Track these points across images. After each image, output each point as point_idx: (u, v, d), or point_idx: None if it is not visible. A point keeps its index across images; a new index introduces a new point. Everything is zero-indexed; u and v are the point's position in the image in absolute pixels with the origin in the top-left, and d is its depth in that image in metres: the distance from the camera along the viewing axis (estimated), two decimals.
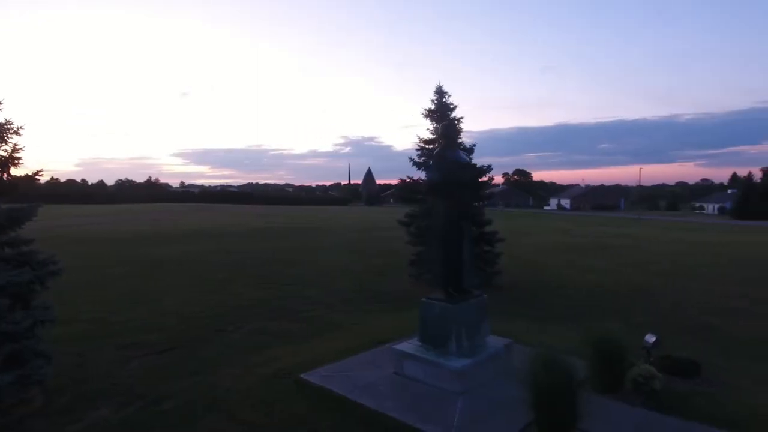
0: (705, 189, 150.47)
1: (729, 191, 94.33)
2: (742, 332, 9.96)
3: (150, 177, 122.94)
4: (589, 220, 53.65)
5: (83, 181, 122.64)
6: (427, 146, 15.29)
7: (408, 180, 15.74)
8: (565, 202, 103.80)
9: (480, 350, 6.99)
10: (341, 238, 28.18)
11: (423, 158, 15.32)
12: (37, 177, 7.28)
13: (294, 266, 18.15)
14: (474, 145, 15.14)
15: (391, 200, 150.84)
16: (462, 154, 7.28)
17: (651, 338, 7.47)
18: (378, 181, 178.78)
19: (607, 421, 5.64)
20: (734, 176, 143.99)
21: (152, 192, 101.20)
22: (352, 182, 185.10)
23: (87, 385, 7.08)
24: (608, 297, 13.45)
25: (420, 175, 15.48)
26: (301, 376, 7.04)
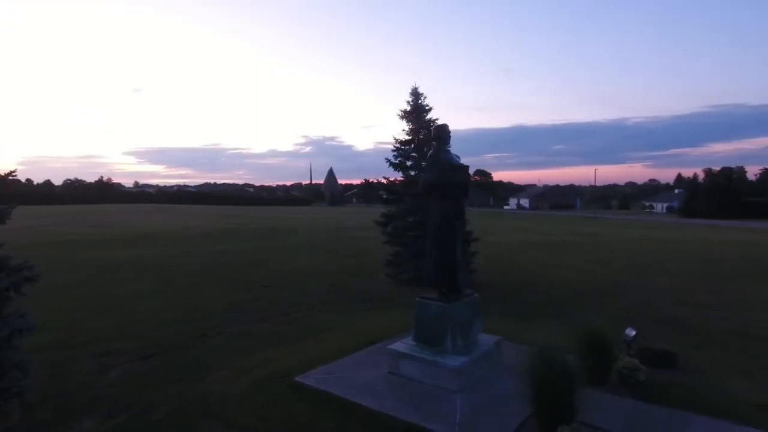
0: (653, 189, 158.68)
1: (676, 191, 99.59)
2: (709, 324, 10.56)
3: (101, 177, 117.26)
4: (549, 219, 55.41)
5: (28, 180, 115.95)
6: (403, 147, 15.38)
7: (385, 180, 15.78)
8: (525, 202, 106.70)
9: (473, 348, 7.11)
10: (309, 239, 27.94)
11: (399, 159, 15.41)
12: (10, 177, 6.90)
13: (266, 267, 17.85)
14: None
15: (354, 200, 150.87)
16: (454, 155, 7.38)
17: (631, 332, 7.82)
18: (339, 181, 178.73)
19: (601, 413, 5.84)
20: (679, 176, 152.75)
21: (104, 192, 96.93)
22: (313, 182, 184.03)
23: (66, 396, 6.72)
24: (581, 293, 13.95)
25: (396, 175, 15.57)
26: (297, 378, 6.95)
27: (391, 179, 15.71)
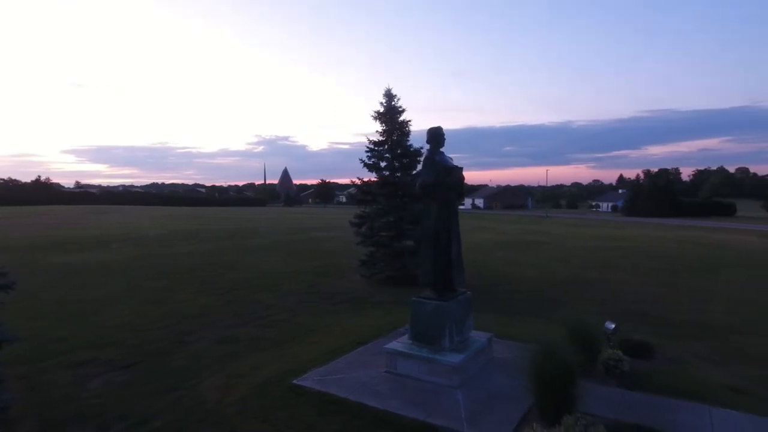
0: (597, 189, 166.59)
1: (620, 191, 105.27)
2: (671, 316, 11.31)
3: (38, 176, 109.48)
4: (505, 219, 57.04)
5: None
6: (377, 148, 15.43)
7: (360, 181, 15.79)
8: (479, 202, 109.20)
9: (468, 345, 7.30)
10: (273, 240, 27.40)
11: (373, 160, 15.45)
12: None
13: (234, 270, 17.39)
14: (422, 148, 15.53)
15: (310, 200, 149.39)
16: (447, 157, 7.52)
17: (611, 325, 8.26)
18: (294, 181, 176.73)
19: (595, 402, 6.15)
20: (621, 177, 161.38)
21: (43, 193, 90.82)
22: (267, 182, 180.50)
23: (50, 409, 6.36)
24: (549, 290, 14.52)
25: (370, 176, 15.61)
26: (295, 381, 6.89)
27: (365, 179, 15.73)
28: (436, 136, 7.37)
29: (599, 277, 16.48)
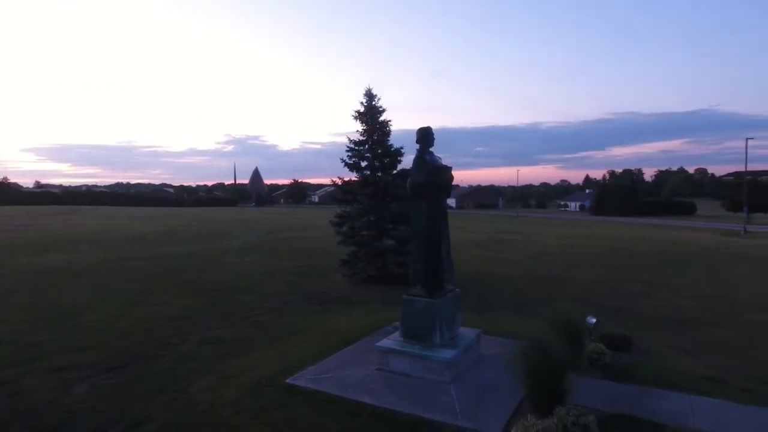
0: (565, 189, 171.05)
1: (587, 191, 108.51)
2: (645, 310, 11.81)
3: None
4: (477, 218, 58.01)
5: None
6: (357, 147, 15.50)
7: (341, 181, 15.82)
8: (451, 201, 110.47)
9: (458, 341, 7.47)
10: (249, 241, 27.10)
11: (354, 159, 15.52)
12: None
13: (212, 272, 17.16)
14: (402, 147, 15.71)
15: (282, 200, 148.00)
16: (436, 157, 7.67)
17: (592, 320, 8.58)
18: (265, 181, 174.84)
19: (583, 393, 6.38)
20: (587, 178, 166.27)
21: (1, 193, 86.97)
22: (237, 182, 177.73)
23: (38, 414, 6.17)
24: (527, 287, 14.91)
25: (351, 175, 15.68)
26: (288, 381, 6.90)
27: (346, 179, 15.79)
28: (425, 135, 7.51)
29: (573, 274, 17.02)
